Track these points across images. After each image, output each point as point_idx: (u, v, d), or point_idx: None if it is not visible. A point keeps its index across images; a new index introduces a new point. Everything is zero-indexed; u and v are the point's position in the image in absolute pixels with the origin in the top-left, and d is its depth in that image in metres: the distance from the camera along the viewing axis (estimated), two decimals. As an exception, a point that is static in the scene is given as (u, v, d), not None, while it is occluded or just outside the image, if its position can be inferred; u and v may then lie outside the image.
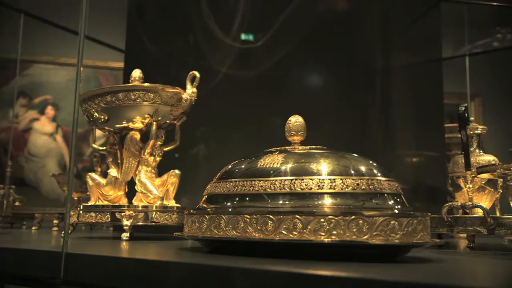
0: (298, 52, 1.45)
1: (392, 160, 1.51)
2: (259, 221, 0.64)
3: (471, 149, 1.18)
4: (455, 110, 1.04)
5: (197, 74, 1.15)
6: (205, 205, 0.78)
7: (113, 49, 2.53)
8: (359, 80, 1.47)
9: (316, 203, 0.64)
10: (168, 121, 1.19)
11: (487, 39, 2.70)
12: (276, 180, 0.68)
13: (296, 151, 0.74)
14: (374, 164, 0.70)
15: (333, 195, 0.65)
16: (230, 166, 0.78)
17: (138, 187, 1.16)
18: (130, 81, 1.20)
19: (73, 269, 0.61)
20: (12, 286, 0.70)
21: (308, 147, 0.75)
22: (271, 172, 0.69)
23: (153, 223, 1.09)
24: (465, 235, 1.02)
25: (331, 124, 1.43)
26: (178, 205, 1.15)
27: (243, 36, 1.61)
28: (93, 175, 1.23)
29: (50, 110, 3.02)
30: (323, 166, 0.68)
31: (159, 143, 1.18)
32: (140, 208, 1.10)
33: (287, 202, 0.66)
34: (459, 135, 2.36)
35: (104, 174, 1.25)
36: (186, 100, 1.15)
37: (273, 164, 0.70)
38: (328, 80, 1.44)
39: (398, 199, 0.66)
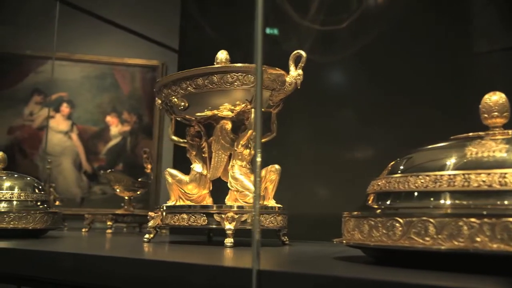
0: (387, 35, 1.29)
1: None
2: (497, 226, 0.48)
3: None
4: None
5: (303, 53, 0.99)
6: (376, 206, 0.62)
7: (164, 47, 2.34)
8: (451, 68, 1.31)
9: None
10: (263, 109, 1.03)
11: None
12: (507, 174, 0.52)
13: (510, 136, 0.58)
14: None
15: None
16: (412, 157, 0.62)
17: (232, 184, 1.00)
18: (215, 64, 1.04)
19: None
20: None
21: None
22: (495, 163, 0.53)
23: (255, 227, 0.93)
24: None
25: (422, 115, 1.26)
26: (279, 205, 1.00)
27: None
28: (173, 171, 1.07)
29: (65, 108, 2.88)
30: None
31: (255, 133, 1.02)
32: (236, 209, 0.94)
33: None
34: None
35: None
36: (291, 83, 0.99)
37: (493, 152, 0.54)
38: (420, 67, 1.28)
39: None
